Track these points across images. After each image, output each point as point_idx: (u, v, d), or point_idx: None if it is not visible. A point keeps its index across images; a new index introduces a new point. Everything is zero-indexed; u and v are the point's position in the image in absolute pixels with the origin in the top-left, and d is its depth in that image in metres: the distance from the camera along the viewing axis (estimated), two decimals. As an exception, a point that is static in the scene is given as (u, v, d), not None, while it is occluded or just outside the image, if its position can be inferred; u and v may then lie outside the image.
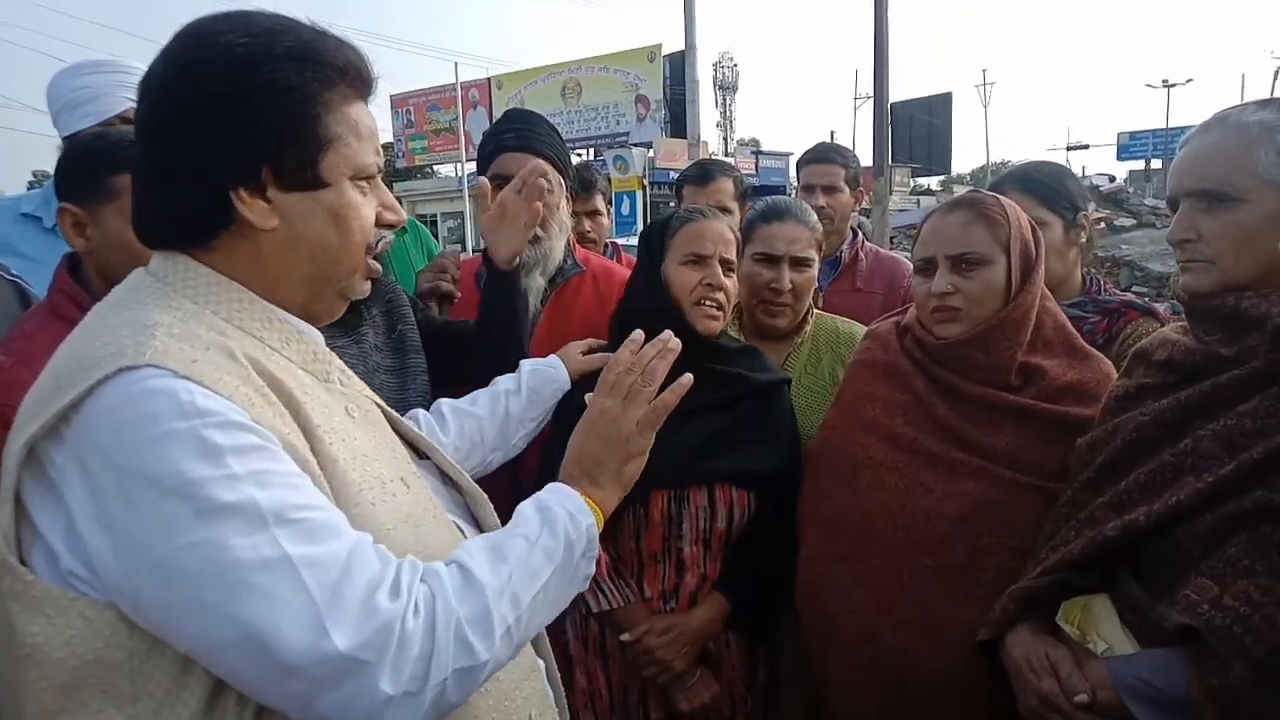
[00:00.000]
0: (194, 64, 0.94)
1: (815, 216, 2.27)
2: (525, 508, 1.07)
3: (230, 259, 0.98)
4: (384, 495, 0.98)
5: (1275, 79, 42.71)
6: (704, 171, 3.06)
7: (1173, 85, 44.94)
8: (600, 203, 3.26)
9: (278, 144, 0.95)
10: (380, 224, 1.06)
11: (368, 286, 1.10)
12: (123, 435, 0.81)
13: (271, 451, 0.86)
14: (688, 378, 1.25)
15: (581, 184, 3.09)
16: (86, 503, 0.82)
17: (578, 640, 1.92)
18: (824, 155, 3.14)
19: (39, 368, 0.91)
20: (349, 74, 1.00)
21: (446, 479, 1.23)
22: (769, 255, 2.14)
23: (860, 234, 3.11)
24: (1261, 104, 1.35)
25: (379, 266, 1.10)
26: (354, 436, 1.00)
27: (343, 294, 1.08)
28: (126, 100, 2.32)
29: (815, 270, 2.21)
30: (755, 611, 1.90)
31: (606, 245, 3.33)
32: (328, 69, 0.97)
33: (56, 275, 1.67)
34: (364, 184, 1.03)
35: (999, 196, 1.78)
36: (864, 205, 3.13)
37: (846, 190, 3.04)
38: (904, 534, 1.65)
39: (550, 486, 1.12)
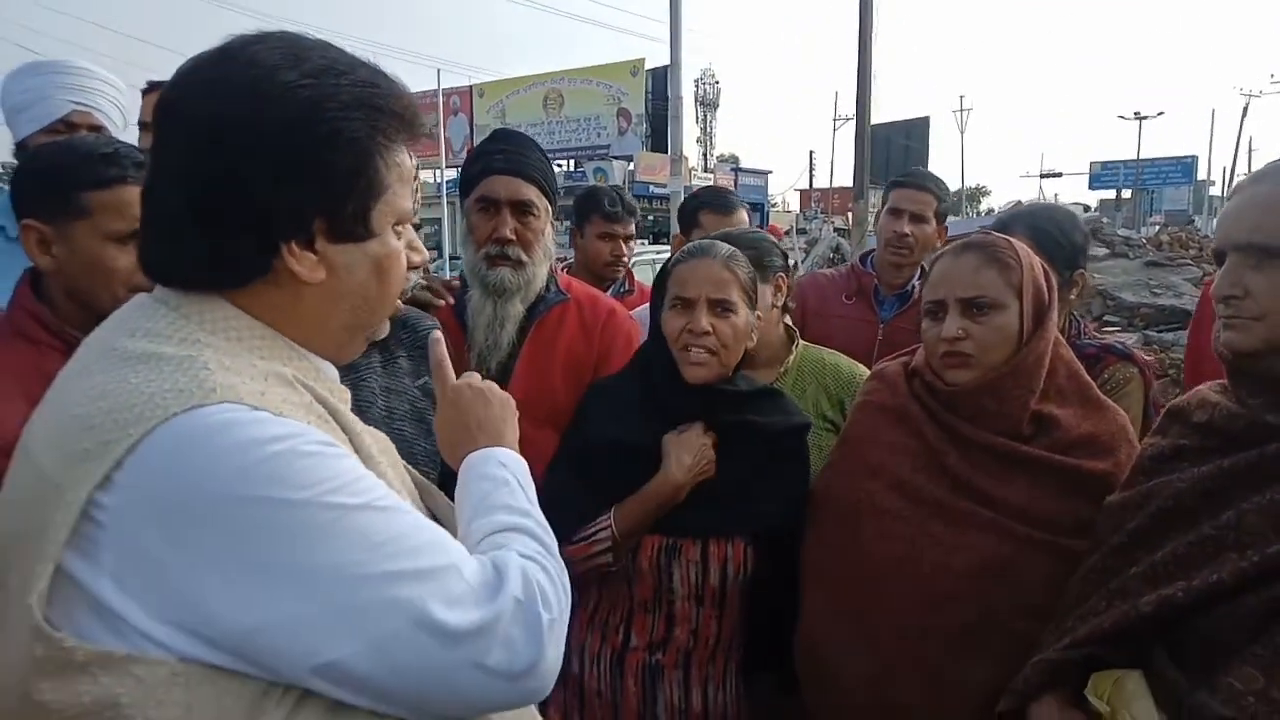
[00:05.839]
0: (253, 105, 0.86)
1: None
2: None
3: (259, 304, 0.93)
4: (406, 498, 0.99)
5: (1244, 115, 43.77)
6: (724, 201, 3.02)
7: (1144, 117, 45.95)
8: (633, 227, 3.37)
9: (339, 198, 0.91)
10: (408, 266, 1.04)
11: (388, 326, 1.10)
12: (220, 467, 0.78)
13: (359, 465, 0.88)
14: None
15: (627, 209, 3.25)
16: (180, 550, 0.76)
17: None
18: (920, 182, 2.94)
19: (7, 388, 0.83)
20: (406, 121, 0.95)
21: None
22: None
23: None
24: None
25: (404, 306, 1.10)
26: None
27: (370, 339, 1.08)
28: (69, 104, 2.25)
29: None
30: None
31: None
32: (389, 116, 0.93)
33: (17, 291, 1.57)
34: (400, 229, 0.99)
35: (1011, 240, 1.72)
36: (940, 243, 2.84)
37: (934, 223, 2.88)
38: (910, 589, 1.58)
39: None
